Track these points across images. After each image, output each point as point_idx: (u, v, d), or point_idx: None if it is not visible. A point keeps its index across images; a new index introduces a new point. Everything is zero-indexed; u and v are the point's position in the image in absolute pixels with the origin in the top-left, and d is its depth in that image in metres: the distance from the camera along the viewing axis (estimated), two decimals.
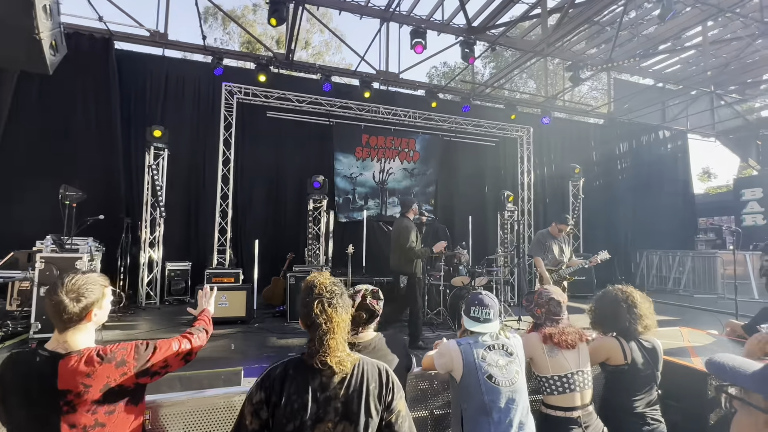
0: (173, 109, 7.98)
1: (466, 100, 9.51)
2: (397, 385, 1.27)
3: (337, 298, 1.29)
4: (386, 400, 1.22)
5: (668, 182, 11.88)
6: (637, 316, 2.19)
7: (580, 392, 1.94)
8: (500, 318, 1.98)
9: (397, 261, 4.73)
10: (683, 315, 7.23)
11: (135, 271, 6.78)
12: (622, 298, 2.24)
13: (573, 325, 2.09)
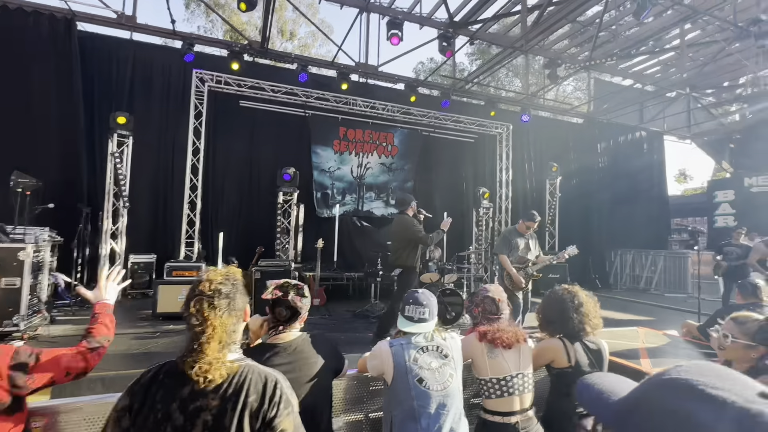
0: (141, 96, 7.67)
1: (446, 96, 9.41)
2: (285, 399, 1.12)
3: (220, 298, 1.14)
4: (267, 416, 1.08)
5: (644, 183, 12.03)
6: (583, 315, 2.12)
7: (519, 396, 1.85)
8: (437, 318, 1.87)
9: (399, 256, 4.69)
10: (652, 314, 7.33)
11: (94, 263, 6.50)
12: (568, 298, 2.17)
13: (515, 325, 2.00)
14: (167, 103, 7.80)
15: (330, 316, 5.93)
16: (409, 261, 4.63)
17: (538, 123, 11.46)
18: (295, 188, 6.70)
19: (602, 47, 9.90)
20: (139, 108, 7.54)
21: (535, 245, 4.40)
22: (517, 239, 4.28)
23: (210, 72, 7.69)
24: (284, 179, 6.60)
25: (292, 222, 6.70)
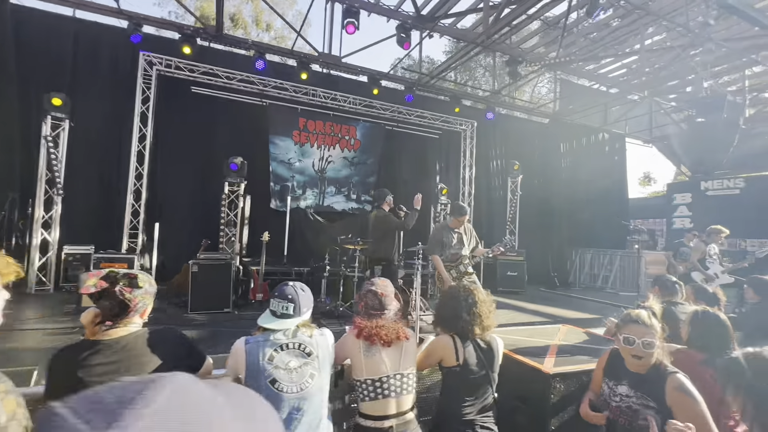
0: (84, 78, 7.23)
1: (410, 90, 9.29)
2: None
3: None
4: None
5: (605, 183, 12.25)
6: (475, 316, 2.02)
7: (396, 398, 1.73)
8: (306, 313, 1.72)
9: (378, 249, 4.84)
10: (602, 312, 7.36)
11: (22, 253, 6.09)
12: (463, 297, 2.06)
13: (398, 322, 1.87)
14: (113, 86, 7.39)
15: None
16: (388, 254, 4.79)
17: (504, 122, 11.50)
18: (242, 178, 6.44)
19: (568, 49, 9.99)
20: (82, 91, 7.12)
21: (470, 238, 4.27)
22: (450, 235, 4.17)
23: (159, 55, 7.32)
24: (231, 169, 6.32)
25: (239, 214, 6.43)
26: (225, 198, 6.32)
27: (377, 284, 1.94)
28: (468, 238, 4.24)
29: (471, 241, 4.27)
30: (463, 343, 1.97)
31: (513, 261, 9.10)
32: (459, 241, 4.15)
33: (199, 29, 7.62)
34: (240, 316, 5.39)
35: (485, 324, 2.07)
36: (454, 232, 4.18)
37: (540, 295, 9.07)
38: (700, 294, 2.96)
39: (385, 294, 1.90)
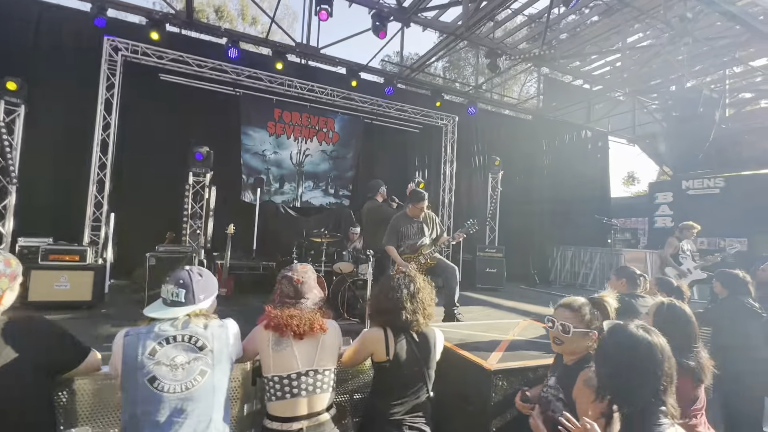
0: (45, 63, 6.90)
1: (390, 83, 9.10)
2: None
3: None
4: None
5: (587, 181, 12.23)
6: (419, 303, 1.85)
7: (307, 398, 1.54)
8: (204, 301, 1.52)
9: (373, 240, 4.73)
10: None
11: None
12: (404, 284, 1.89)
13: (316, 312, 1.68)
14: (76, 72, 7.06)
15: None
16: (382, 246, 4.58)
17: (486, 117, 11.38)
18: (207, 169, 6.18)
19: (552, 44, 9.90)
20: (42, 76, 6.80)
21: (432, 227, 4.09)
22: (408, 225, 3.99)
23: (125, 40, 7.00)
24: (196, 159, 6.06)
25: (204, 205, 6.18)
26: (189, 188, 6.05)
27: (295, 269, 1.75)
28: (430, 227, 4.06)
29: (434, 230, 4.10)
30: (396, 336, 1.79)
31: (492, 257, 8.99)
32: (419, 231, 3.97)
33: (168, 14, 7.33)
34: None
35: (428, 312, 1.90)
36: (413, 221, 4.00)
37: (519, 292, 8.97)
38: (664, 287, 2.83)
39: (302, 280, 1.71)
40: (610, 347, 1.30)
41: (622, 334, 1.29)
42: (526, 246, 10.86)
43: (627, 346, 1.25)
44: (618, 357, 1.25)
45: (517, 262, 10.43)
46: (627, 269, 2.92)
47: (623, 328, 1.31)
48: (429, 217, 4.12)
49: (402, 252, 3.91)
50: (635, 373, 1.22)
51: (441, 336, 1.97)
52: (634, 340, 1.26)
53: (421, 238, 3.97)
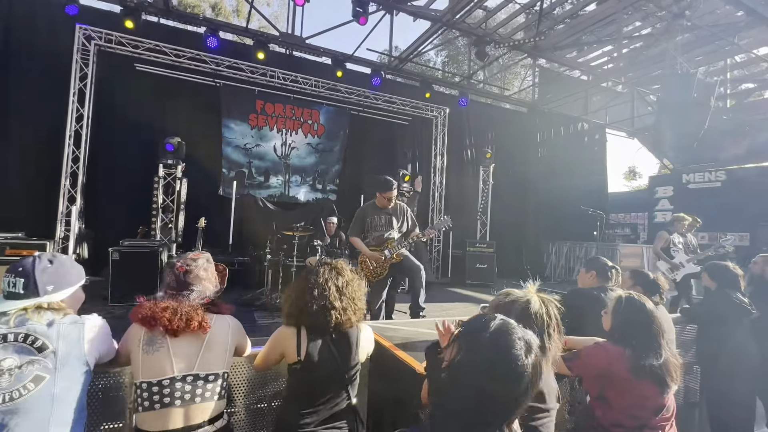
0: (16, 54, 6.71)
1: (377, 73, 8.83)
2: None
3: None
4: None
5: (584, 174, 11.91)
6: (350, 299, 1.62)
7: (183, 407, 1.30)
8: (54, 294, 1.28)
9: None
10: None
11: None
12: (330, 277, 1.65)
13: (199, 306, 1.43)
14: (48, 62, 6.86)
15: None
16: None
17: (479, 109, 11.10)
18: (178, 160, 5.95)
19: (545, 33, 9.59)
20: (13, 66, 6.62)
21: (403, 220, 3.81)
22: (375, 216, 3.72)
23: (98, 29, 6.78)
24: (167, 150, 5.84)
25: (176, 198, 5.96)
26: (159, 181, 5.82)
27: (185, 257, 1.52)
28: (400, 219, 3.79)
29: (404, 223, 3.82)
30: (311, 334, 1.55)
31: (482, 253, 8.73)
32: (387, 223, 3.71)
33: (144, 2, 7.09)
34: None
35: (358, 308, 1.67)
36: (381, 212, 3.73)
37: (511, 288, 8.69)
38: (639, 279, 2.57)
39: (186, 269, 1.47)
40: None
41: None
42: (519, 241, 10.59)
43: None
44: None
45: (510, 258, 10.16)
46: (597, 260, 2.66)
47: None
48: (400, 209, 3.85)
49: (367, 244, 3.66)
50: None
51: (369, 334, 1.74)
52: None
53: (389, 230, 3.70)
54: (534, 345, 0.87)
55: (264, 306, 4.95)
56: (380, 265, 3.60)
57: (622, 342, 1.78)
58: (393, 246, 3.61)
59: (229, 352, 1.44)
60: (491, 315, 0.94)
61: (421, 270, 3.57)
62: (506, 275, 9.76)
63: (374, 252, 3.59)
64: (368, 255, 3.60)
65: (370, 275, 3.59)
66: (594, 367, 1.77)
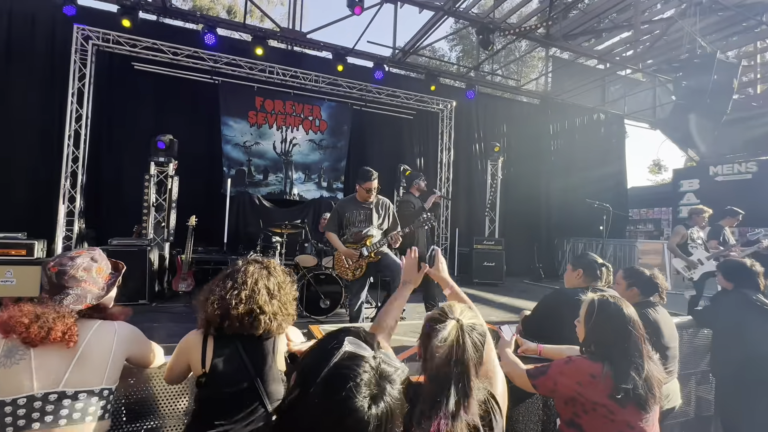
0: (18, 56, 6.80)
1: (380, 66, 8.58)
2: None
3: None
4: None
5: (601, 168, 11.34)
6: (282, 305, 1.41)
7: (45, 431, 1.10)
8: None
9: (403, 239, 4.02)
10: None
11: None
12: (258, 276, 1.44)
13: (72, 313, 1.23)
14: (49, 64, 6.92)
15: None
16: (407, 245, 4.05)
17: (488, 102, 10.72)
18: (170, 158, 5.88)
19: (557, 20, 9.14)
20: (14, 68, 6.70)
21: (384, 216, 3.52)
22: (354, 210, 3.45)
23: (96, 29, 6.79)
24: (158, 147, 5.76)
25: (168, 196, 5.88)
26: (151, 179, 5.75)
27: (61, 256, 1.33)
28: (381, 215, 3.51)
29: (385, 220, 3.55)
30: (220, 342, 1.34)
31: (491, 250, 8.37)
32: (366, 219, 3.44)
33: (141, 1, 7.06)
34: (155, 308, 4.86)
35: (288, 313, 1.46)
36: (361, 206, 3.47)
37: (519, 287, 8.32)
38: (633, 278, 2.25)
39: (59, 269, 1.28)
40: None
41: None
42: (530, 238, 10.17)
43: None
44: None
45: (521, 256, 9.76)
46: (585, 257, 2.35)
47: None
48: (382, 204, 3.56)
49: (345, 241, 3.41)
50: None
51: (297, 337, 1.52)
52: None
53: (368, 226, 3.44)
54: (388, 391, 0.63)
55: None
56: (356, 263, 3.35)
57: (597, 356, 1.49)
58: (372, 244, 3.35)
59: (113, 365, 1.24)
60: (341, 338, 0.70)
61: (402, 269, 3.33)
62: (516, 274, 9.37)
63: (349, 249, 3.34)
64: (343, 252, 3.36)
65: (346, 274, 3.36)
66: (564, 388, 1.47)
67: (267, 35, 7.84)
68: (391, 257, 3.38)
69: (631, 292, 2.21)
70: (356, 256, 3.32)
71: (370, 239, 3.36)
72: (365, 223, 3.43)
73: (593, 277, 2.24)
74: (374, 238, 3.37)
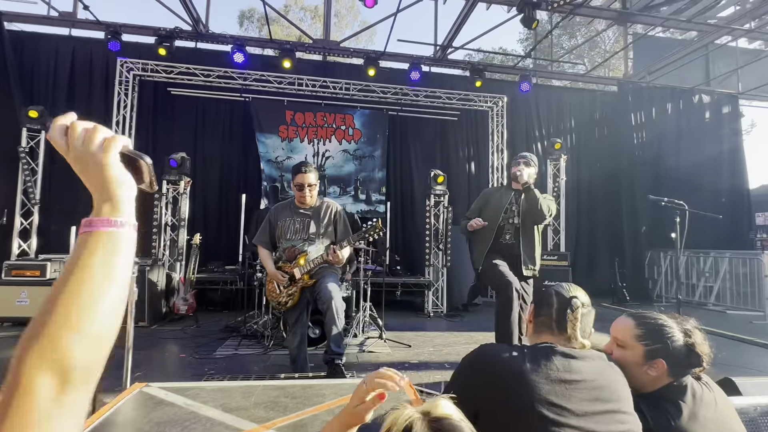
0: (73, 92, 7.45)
1: (416, 67, 7.86)
2: None
3: None
4: None
5: (707, 162, 9.05)
6: None
7: None
8: None
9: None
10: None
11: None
12: None
13: None
14: (95, 96, 7.47)
15: (198, 326, 4.85)
16: (472, 258, 3.17)
17: (549, 94, 9.31)
18: (182, 175, 5.77)
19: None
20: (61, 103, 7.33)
21: (328, 224, 2.71)
22: (289, 218, 2.68)
23: (136, 60, 7.19)
24: (171, 165, 5.71)
25: (181, 214, 5.76)
26: (160, 197, 5.65)
27: None
28: (323, 223, 2.68)
29: (328, 230, 2.71)
30: None
31: (554, 267, 6.93)
32: (303, 228, 2.63)
33: (174, 30, 7.34)
34: (152, 332, 4.61)
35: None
36: (297, 211, 2.69)
37: (599, 313, 6.64)
38: (651, 335, 1.16)
39: None
40: None
41: None
42: (609, 251, 8.36)
43: None
44: None
45: (596, 273, 8.06)
46: (546, 291, 1.29)
47: None
48: (325, 208, 2.75)
49: (277, 259, 2.67)
50: None
51: None
52: None
53: (302, 240, 2.65)
54: None
55: (240, 332, 4.30)
56: (287, 289, 2.58)
57: None
58: (306, 262, 2.55)
59: None
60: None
61: (333, 299, 2.44)
62: (595, 295, 7.64)
63: (278, 272, 2.60)
64: (270, 274, 2.63)
65: (276, 302, 2.61)
66: None
67: (296, 47, 7.66)
68: (326, 281, 2.56)
69: (654, 369, 1.13)
70: (284, 280, 2.57)
71: (305, 256, 2.58)
72: (301, 234, 2.64)
73: (550, 326, 1.20)
74: (310, 255, 2.58)
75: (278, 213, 2.76)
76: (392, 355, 3.89)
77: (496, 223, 2.86)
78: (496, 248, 2.82)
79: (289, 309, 2.60)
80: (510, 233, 2.87)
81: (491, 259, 2.71)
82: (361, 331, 4.48)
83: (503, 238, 2.84)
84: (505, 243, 2.85)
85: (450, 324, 5.40)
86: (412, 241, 8.42)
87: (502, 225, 2.85)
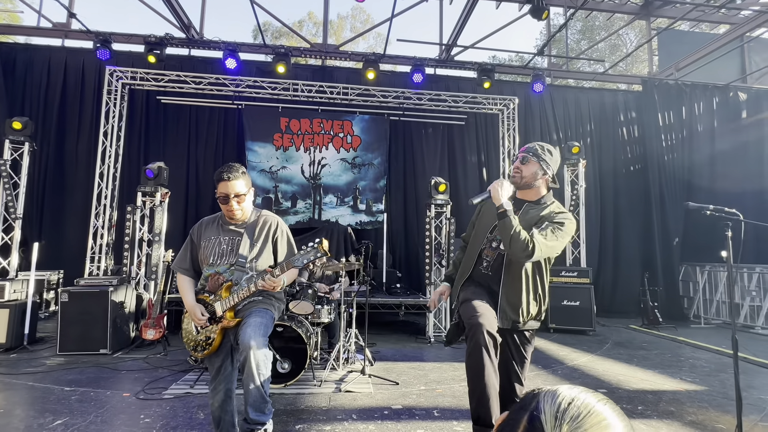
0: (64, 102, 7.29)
1: (419, 68, 7.33)
2: None
3: None
4: None
5: (745, 164, 8.12)
6: None
7: None
8: None
9: None
10: (748, 375, 3.99)
11: None
12: None
13: None
14: (88, 107, 7.28)
15: (164, 354, 4.34)
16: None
17: (566, 95, 8.60)
18: (158, 186, 5.33)
19: None
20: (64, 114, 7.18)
21: (265, 243, 2.12)
22: (214, 237, 2.10)
23: (125, 68, 6.92)
24: (147, 176, 5.29)
25: (155, 229, 5.30)
26: (134, 211, 5.22)
27: None
28: (257, 243, 2.11)
29: (265, 251, 2.13)
30: None
31: (573, 285, 6.16)
32: (230, 250, 2.05)
33: (164, 37, 7.06)
34: (111, 360, 4.12)
35: None
36: (226, 229, 2.13)
37: (627, 338, 5.85)
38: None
39: None
40: None
41: None
42: (638, 266, 7.51)
43: None
44: None
45: (621, 290, 7.24)
46: (527, 397, 0.96)
47: None
48: (262, 224, 2.16)
49: (200, 290, 2.10)
50: None
51: None
52: None
53: (229, 266, 2.07)
54: None
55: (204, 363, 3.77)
56: (205, 330, 2.02)
57: None
58: (231, 294, 1.98)
59: None
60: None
61: (251, 348, 1.83)
62: (614, 316, 6.86)
63: (199, 305, 2.04)
64: (188, 308, 2.08)
65: (192, 346, 2.04)
66: None
67: (290, 51, 7.25)
68: (249, 321, 1.97)
69: None
70: (202, 320, 2.00)
71: (229, 286, 2.00)
72: (228, 257, 2.08)
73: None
74: (239, 287, 2.00)
75: (202, 230, 2.18)
76: (373, 396, 3.25)
77: (479, 246, 2.10)
78: (475, 277, 2.09)
79: (208, 355, 2.03)
80: (488, 261, 2.06)
81: (466, 292, 2.02)
82: (342, 364, 3.86)
83: (481, 266, 2.08)
84: (483, 273, 2.07)
85: (452, 352, 4.73)
86: (418, 256, 7.79)
87: (482, 248, 2.09)
